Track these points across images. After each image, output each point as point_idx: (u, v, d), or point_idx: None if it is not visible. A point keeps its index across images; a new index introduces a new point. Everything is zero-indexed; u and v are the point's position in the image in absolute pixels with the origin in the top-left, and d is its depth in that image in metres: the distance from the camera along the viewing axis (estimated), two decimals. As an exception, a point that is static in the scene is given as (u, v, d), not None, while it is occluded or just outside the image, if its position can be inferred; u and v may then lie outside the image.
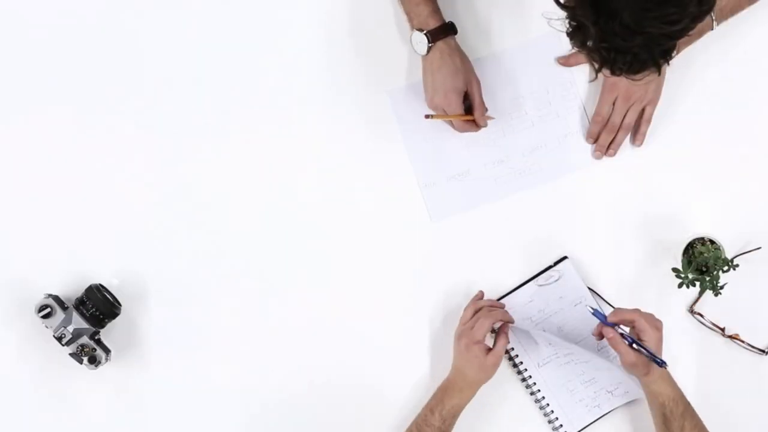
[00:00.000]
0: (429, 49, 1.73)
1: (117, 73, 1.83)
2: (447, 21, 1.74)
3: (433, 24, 1.73)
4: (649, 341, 1.64)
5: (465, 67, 1.75)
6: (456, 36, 1.75)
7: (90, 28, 1.83)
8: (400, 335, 1.80)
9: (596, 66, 1.36)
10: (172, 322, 1.80)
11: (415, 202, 1.82)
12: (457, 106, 1.74)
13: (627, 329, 1.67)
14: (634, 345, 1.64)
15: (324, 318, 1.80)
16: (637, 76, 1.35)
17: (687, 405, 1.68)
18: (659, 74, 1.36)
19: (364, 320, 1.80)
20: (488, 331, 1.72)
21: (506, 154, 1.83)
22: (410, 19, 1.75)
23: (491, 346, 1.71)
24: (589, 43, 1.33)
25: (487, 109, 1.78)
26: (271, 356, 1.80)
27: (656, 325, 1.66)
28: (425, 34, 1.72)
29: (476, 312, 1.74)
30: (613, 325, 1.66)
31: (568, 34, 1.34)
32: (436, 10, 1.74)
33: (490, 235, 1.81)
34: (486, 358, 1.70)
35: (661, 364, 1.63)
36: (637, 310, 1.67)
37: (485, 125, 1.78)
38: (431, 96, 1.74)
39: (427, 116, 1.74)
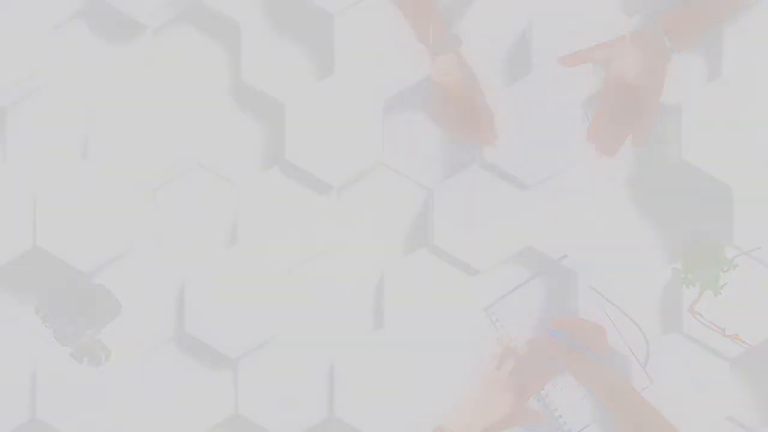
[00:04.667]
0: None
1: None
2: None
3: None
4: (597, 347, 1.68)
5: None
6: None
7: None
8: (399, 336, 1.80)
9: None
10: (172, 322, 1.80)
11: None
12: None
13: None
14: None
15: (323, 318, 1.80)
16: None
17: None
18: None
19: (363, 320, 1.81)
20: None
21: (506, 153, 1.83)
22: None
23: None
24: None
25: None
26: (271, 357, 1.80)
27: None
28: None
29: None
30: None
31: None
32: None
33: (490, 235, 1.81)
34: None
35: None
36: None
37: None
38: None
39: None
